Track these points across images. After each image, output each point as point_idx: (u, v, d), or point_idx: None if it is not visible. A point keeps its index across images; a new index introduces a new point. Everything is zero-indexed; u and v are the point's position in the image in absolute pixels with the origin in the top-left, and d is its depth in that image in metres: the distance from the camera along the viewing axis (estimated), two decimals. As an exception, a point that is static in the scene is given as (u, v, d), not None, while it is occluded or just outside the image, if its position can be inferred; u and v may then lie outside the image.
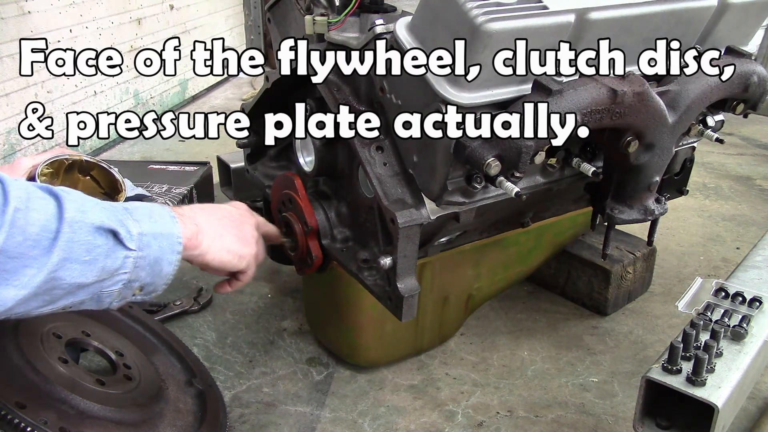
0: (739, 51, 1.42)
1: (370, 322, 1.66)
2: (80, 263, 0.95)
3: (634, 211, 1.40)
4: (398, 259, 1.29)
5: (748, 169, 3.18)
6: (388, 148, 1.32)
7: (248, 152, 1.85)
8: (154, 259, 1.06)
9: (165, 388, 1.45)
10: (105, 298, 1.02)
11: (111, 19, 3.30)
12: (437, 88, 1.13)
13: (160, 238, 1.08)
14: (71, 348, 1.39)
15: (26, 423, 1.11)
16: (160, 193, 2.32)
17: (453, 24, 1.08)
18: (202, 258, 1.19)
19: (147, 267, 1.05)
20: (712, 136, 1.49)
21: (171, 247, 1.10)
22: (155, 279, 1.08)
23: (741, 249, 2.41)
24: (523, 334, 1.94)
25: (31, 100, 2.82)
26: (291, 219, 1.54)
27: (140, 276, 1.05)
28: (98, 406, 1.24)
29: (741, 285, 1.46)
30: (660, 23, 1.28)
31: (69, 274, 0.94)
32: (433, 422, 1.61)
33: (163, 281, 1.10)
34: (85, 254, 0.96)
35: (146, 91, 3.67)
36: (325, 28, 1.43)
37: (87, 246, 0.96)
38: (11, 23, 2.66)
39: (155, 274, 1.07)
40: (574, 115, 1.15)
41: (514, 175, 1.17)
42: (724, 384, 1.18)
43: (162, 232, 1.08)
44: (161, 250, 1.08)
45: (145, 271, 1.05)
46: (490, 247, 1.73)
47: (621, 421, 1.61)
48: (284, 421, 1.60)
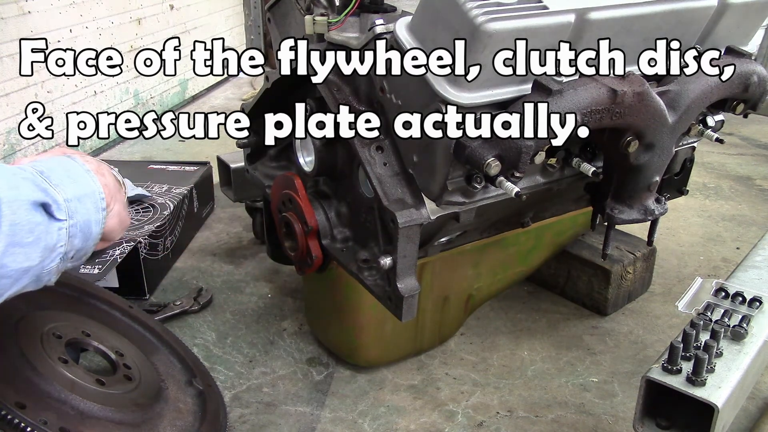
0: (739, 51, 1.42)
1: (370, 322, 1.66)
2: (24, 246, 0.91)
3: (634, 211, 1.40)
4: (398, 259, 1.29)
5: (748, 169, 3.18)
6: (388, 148, 1.32)
7: (248, 152, 1.85)
8: (84, 222, 1.01)
9: (165, 388, 1.45)
10: (44, 277, 0.98)
11: (111, 19, 3.30)
12: (437, 88, 1.13)
13: (85, 199, 1.03)
14: (71, 348, 1.39)
15: (26, 423, 1.11)
16: (160, 193, 2.32)
17: (453, 24, 1.08)
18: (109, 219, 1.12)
19: (79, 234, 1.00)
20: (712, 136, 1.49)
21: (95, 205, 1.05)
22: (86, 243, 1.03)
23: (741, 249, 2.41)
24: (523, 334, 1.94)
25: (31, 100, 2.82)
26: (291, 219, 1.54)
27: (74, 244, 1.00)
28: (98, 406, 1.24)
29: (741, 285, 1.46)
30: (660, 23, 1.28)
31: (14, 259, 0.90)
32: (433, 422, 1.61)
33: (93, 242, 1.05)
34: (27, 235, 0.91)
35: (146, 91, 3.67)
36: (325, 28, 1.43)
37: (29, 226, 0.91)
38: (11, 23, 2.66)
39: (86, 238, 1.03)
40: (574, 115, 1.15)
41: (514, 175, 1.17)
42: (724, 384, 1.18)
43: (85, 192, 1.03)
44: (88, 212, 1.02)
45: (77, 238, 1.00)
46: (490, 247, 1.73)
47: (621, 421, 1.61)
48: (284, 421, 1.60)
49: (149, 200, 2.27)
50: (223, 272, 2.21)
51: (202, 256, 2.32)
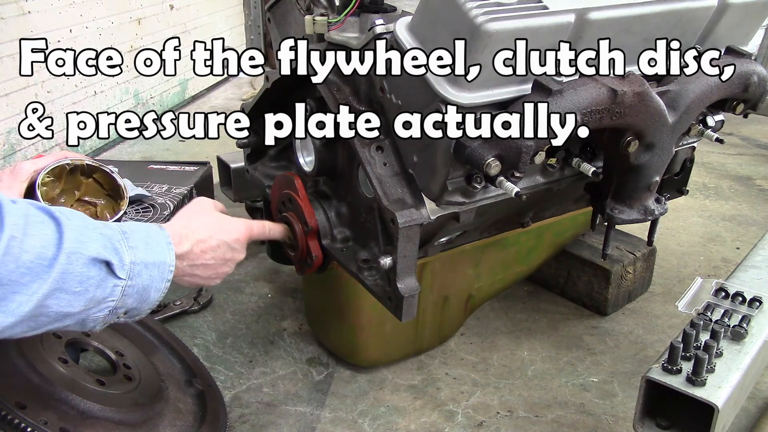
0: (739, 51, 1.42)
1: (370, 322, 1.66)
2: (70, 294, 0.94)
3: (634, 211, 1.40)
4: (398, 259, 1.29)
5: (748, 169, 3.18)
6: (388, 148, 1.32)
7: (248, 152, 1.85)
8: (143, 287, 1.05)
9: (165, 388, 1.45)
10: (89, 323, 1.01)
11: (111, 19, 3.30)
12: (437, 88, 1.13)
13: (152, 267, 1.07)
14: (71, 348, 1.39)
15: (26, 423, 1.11)
16: (160, 193, 2.32)
17: (453, 24, 1.08)
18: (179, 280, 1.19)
19: (135, 294, 1.04)
20: (712, 136, 1.49)
21: (161, 275, 1.09)
22: (141, 305, 1.07)
23: (741, 249, 2.41)
24: (523, 334, 1.94)
25: (31, 100, 2.82)
26: (291, 219, 1.54)
27: (127, 303, 1.04)
28: (98, 406, 1.24)
29: (741, 285, 1.46)
30: (660, 23, 1.28)
31: (57, 303, 0.93)
32: (433, 422, 1.61)
33: (149, 306, 1.09)
34: (76, 285, 0.95)
35: (146, 91, 3.67)
36: (325, 28, 1.43)
37: (80, 278, 0.95)
38: (11, 23, 2.66)
39: (142, 300, 1.07)
40: (574, 115, 1.15)
41: (514, 175, 1.17)
42: (724, 384, 1.18)
43: (155, 261, 1.08)
44: (151, 279, 1.07)
45: (132, 298, 1.04)
46: (490, 247, 1.72)
47: (621, 421, 1.61)
48: (284, 421, 1.60)
49: (149, 200, 2.27)
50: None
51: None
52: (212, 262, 1.25)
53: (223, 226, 1.29)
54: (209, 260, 1.24)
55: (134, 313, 1.08)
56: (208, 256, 1.24)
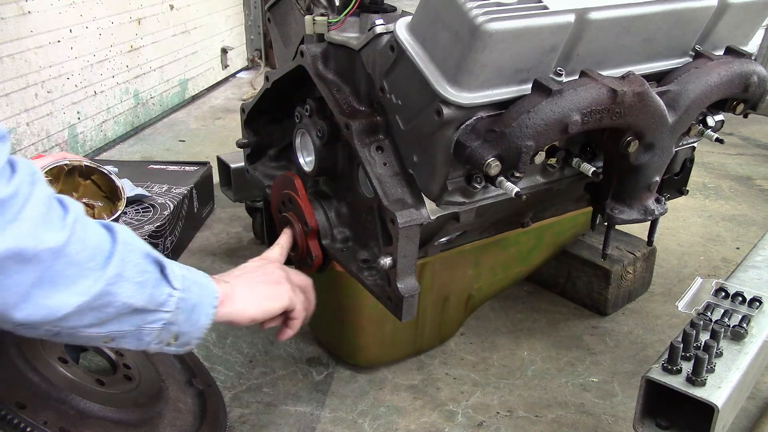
0: (739, 51, 1.42)
1: (370, 322, 1.66)
2: (133, 283, 0.96)
3: (634, 211, 1.40)
4: (398, 259, 1.29)
5: (748, 169, 3.18)
6: (388, 148, 1.32)
7: (248, 152, 1.85)
8: (193, 305, 1.07)
9: (165, 388, 1.45)
10: (145, 336, 1.02)
11: (111, 19, 3.30)
12: (437, 88, 1.13)
13: (199, 286, 1.09)
14: (71, 348, 1.39)
15: (26, 423, 1.11)
16: (160, 193, 2.32)
17: (453, 24, 1.08)
18: (244, 312, 1.20)
19: (187, 311, 1.06)
20: (712, 136, 1.49)
21: (209, 297, 1.11)
22: (191, 329, 1.08)
23: (741, 249, 2.41)
24: (523, 334, 1.94)
25: (31, 100, 2.82)
26: (291, 219, 1.54)
27: (179, 319, 1.05)
28: (98, 406, 1.24)
29: (741, 285, 1.46)
30: (660, 23, 1.28)
31: (122, 291, 0.95)
32: (433, 422, 1.61)
33: (198, 333, 1.10)
34: (137, 275, 0.97)
35: (146, 91, 3.67)
36: (325, 28, 1.43)
37: (139, 267, 0.98)
38: (11, 23, 2.66)
39: (192, 323, 1.08)
40: (574, 116, 1.14)
41: (514, 175, 1.17)
42: (724, 384, 1.18)
43: (200, 282, 1.10)
44: (200, 298, 1.08)
45: (184, 314, 1.05)
46: (490, 247, 1.72)
47: (621, 421, 1.61)
48: (284, 421, 1.60)
49: (149, 200, 2.27)
50: (223, 272, 2.21)
51: (202, 256, 2.32)
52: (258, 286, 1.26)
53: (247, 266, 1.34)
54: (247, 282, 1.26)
55: (184, 340, 1.09)
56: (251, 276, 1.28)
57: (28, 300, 0.86)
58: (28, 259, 0.84)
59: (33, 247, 0.84)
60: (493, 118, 1.16)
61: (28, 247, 0.84)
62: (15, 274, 0.84)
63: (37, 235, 0.85)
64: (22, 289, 0.85)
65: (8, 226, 0.82)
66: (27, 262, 0.84)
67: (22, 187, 0.85)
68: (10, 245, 0.82)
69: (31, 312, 0.87)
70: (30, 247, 0.84)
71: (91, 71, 3.19)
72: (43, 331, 0.92)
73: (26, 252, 0.84)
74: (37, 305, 0.87)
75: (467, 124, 1.16)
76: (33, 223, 0.85)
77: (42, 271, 0.86)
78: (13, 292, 0.84)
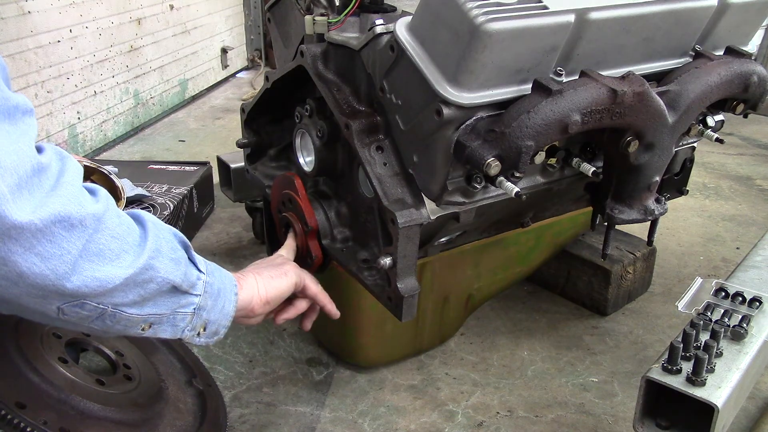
0: (739, 51, 1.42)
1: (370, 322, 1.66)
2: (169, 259, 0.99)
3: (634, 211, 1.40)
4: (398, 259, 1.29)
5: (748, 169, 3.18)
6: (388, 148, 1.32)
7: (248, 152, 1.85)
8: (218, 289, 1.10)
9: (165, 388, 1.45)
10: (179, 322, 1.05)
11: (111, 19, 3.30)
12: (437, 88, 1.13)
13: (219, 272, 1.13)
14: (71, 348, 1.39)
15: (26, 423, 1.11)
16: (160, 193, 2.32)
17: (453, 24, 1.08)
18: (259, 297, 1.23)
19: (213, 296, 1.08)
20: (712, 136, 1.49)
21: (230, 284, 1.14)
22: (218, 316, 1.11)
23: (741, 249, 2.41)
24: (523, 334, 1.94)
25: (30, 100, 2.81)
26: (291, 219, 1.54)
27: (207, 305, 1.07)
28: (98, 406, 1.24)
29: (741, 285, 1.46)
30: (660, 23, 1.28)
31: (162, 266, 0.97)
32: (433, 422, 1.61)
33: (225, 321, 1.13)
34: (171, 252, 1.00)
35: (146, 91, 3.67)
36: (325, 28, 1.43)
37: (170, 245, 1.01)
38: (11, 23, 2.66)
39: (219, 309, 1.10)
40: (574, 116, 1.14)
41: (514, 175, 1.17)
42: (724, 384, 1.18)
43: (219, 268, 1.13)
44: (223, 283, 1.12)
45: (211, 299, 1.08)
46: (490, 247, 1.72)
47: (621, 421, 1.61)
48: (284, 421, 1.60)
49: (149, 200, 2.27)
50: (223, 272, 2.21)
51: (203, 257, 2.32)
52: (262, 270, 1.30)
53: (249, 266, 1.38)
54: (258, 270, 1.29)
55: (213, 328, 1.11)
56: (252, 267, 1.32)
57: (77, 270, 0.87)
58: (74, 224, 0.85)
59: (78, 212, 0.85)
60: (493, 118, 1.16)
61: (74, 212, 0.85)
62: (63, 241, 0.84)
63: (80, 201, 0.86)
64: (71, 257, 0.86)
65: (52, 193, 0.83)
66: (73, 227, 0.85)
67: (54, 161, 0.86)
68: (58, 209, 0.83)
69: (82, 283, 0.88)
70: (75, 212, 0.85)
71: (91, 71, 3.19)
72: (87, 312, 0.92)
73: (72, 217, 0.85)
74: (87, 276, 0.88)
75: (467, 124, 1.16)
76: (74, 191, 0.86)
77: (87, 239, 0.87)
78: (63, 260, 0.85)
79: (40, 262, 0.83)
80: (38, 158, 0.83)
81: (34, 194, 0.81)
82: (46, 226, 0.82)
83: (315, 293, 1.39)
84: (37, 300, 0.88)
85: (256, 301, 1.23)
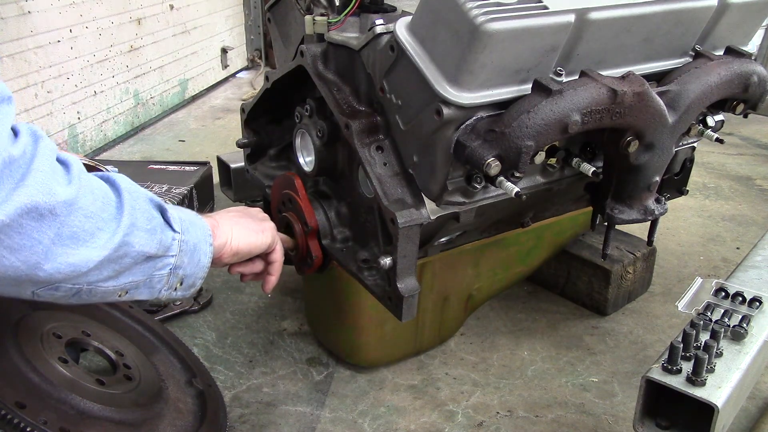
0: (739, 51, 1.42)
1: (370, 322, 1.66)
2: (144, 231, 0.98)
3: (634, 211, 1.40)
4: (398, 259, 1.29)
5: (748, 169, 3.18)
6: (388, 148, 1.32)
7: (248, 152, 1.85)
8: (194, 245, 1.09)
9: (165, 388, 1.45)
10: (156, 284, 1.04)
11: (111, 19, 3.30)
12: (437, 88, 1.13)
13: (194, 226, 1.11)
14: (71, 348, 1.39)
15: (26, 423, 1.11)
16: (160, 193, 2.32)
17: (453, 24, 1.08)
18: (230, 247, 1.21)
19: (189, 252, 1.07)
20: (712, 136, 1.49)
21: (204, 236, 1.12)
22: (195, 270, 1.10)
23: (741, 249, 2.41)
24: (523, 334, 1.94)
25: (31, 100, 2.82)
26: (291, 219, 1.54)
27: (183, 262, 1.07)
28: (98, 406, 1.24)
29: (741, 285, 1.46)
30: (660, 23, 1.28)
31: (137, 240, 0.96)
32: (433, 422, 1.61)
33: (201, 273, 1.12)
34: (146, 222, 0.99)
35: (146, 91, 3.67)
36: (325, 28, 1.43)
37: (146, 215, 0.99)
38: (11, 23, 2.66)
39: (194, 264, 1.09)
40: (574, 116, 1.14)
41: (514, 175, 1.17)
42: (724, 384, 1.18)
43: (194, 221, 1.11)
44: (197, 237, 1.10)
45: (187, 256, 1.07)
46: (490, 247, 1.72)
47: (621, 421, 1.61)
48: (284, 421, 1.60)
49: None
50: (223, 272, 2.21)
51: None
52: (242, 220, 1.27)
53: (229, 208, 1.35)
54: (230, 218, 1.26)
55: (190, 282, 1.10)
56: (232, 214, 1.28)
57: (50, 258, 0.86)
58: (43, 214, 0.84)
59: (47, 202, 0.84)
60: (493, 118, 1.16)
61: (42, 202, 0.84)
62: (33, 231, 0.84)
63: (48, 190, 0.85)
64: (43, 247, 0.85)
65: (19, 185, 0.82)
66: (43, 217, 0.84)
67: (27, 147, 0.85)
68: (24, 202, 0.82)
69: (55, 270, 0.87)
70: (44, 201, 0.84)
71: (91, 71, 3.19)
72: (63, 292, 0.92)
73: (41, 207, 0.84)
74: (60, 263, 0.87)
75: (467, 124, 1.16)
76: (43, 178, 0.84)
77: (59, 226, 0.86)
78: (34, 251, 0.84)
79: (10, 254, 0.83)
80: (9, 150, 0.81)
81: (2, 189, 0.80)
82: (14, 220, 0.81)
83: (275, 260, 1.35)
84: (10, 288, 0.88)
85: (227, 250, 1.21)
